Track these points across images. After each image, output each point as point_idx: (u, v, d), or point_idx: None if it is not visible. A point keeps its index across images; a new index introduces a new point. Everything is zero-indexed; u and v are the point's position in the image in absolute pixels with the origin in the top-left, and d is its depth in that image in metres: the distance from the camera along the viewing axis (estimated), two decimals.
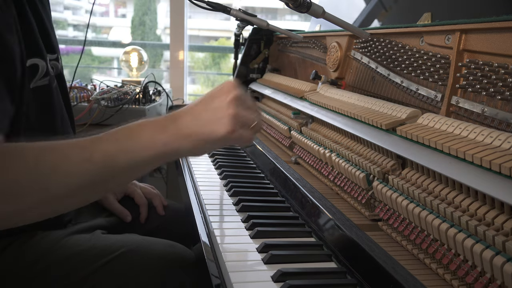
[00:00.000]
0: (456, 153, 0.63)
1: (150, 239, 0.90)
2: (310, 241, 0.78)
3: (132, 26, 6.24)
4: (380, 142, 0.82)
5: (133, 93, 1.77)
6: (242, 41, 1.86)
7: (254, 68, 1.86)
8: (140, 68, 2.41)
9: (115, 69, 4.94)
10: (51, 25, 0.95)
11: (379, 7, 1.26)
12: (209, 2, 1.34)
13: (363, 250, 0.64)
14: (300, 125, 1.26)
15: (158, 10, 6.42)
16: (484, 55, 0.73)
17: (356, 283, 0.64)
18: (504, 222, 0.56)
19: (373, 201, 0.85)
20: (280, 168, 1.03)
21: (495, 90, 0.67)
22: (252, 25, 1.60)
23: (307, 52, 1.51)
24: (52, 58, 0.87)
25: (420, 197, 0.69)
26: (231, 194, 0.98)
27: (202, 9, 1.35)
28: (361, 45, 1.12)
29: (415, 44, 0.91)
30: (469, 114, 0.74)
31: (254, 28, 1.80)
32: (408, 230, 0.71)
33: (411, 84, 0.90)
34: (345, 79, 1.21)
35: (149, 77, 2.11)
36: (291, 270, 0.65)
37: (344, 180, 0.93)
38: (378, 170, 0.82)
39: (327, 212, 0.77)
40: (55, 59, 0.88)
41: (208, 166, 1.20)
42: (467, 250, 0.57)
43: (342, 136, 1.03)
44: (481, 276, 0.56)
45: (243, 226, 0.81)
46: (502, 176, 0.55)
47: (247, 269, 0.68)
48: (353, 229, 0.70)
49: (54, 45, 0.89)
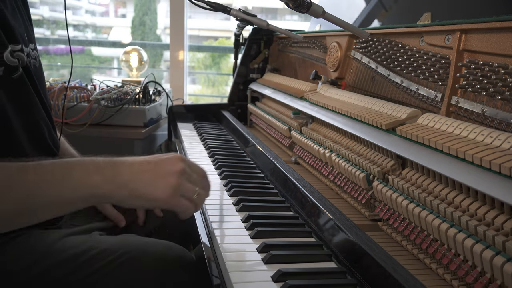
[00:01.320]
0: (456, 153, 0.63)
1: (148, 240, 0.90)
2: (310, 241, 0.78)
3: (132, 26, 6.24)
4: (380, 142, 0.82)
5: (133, 93, 1.77)
6: (242, 41, 1.86)
7: (254, 68, 1.86)
8: (140, 68, 2.41)
9: (115, 69, 4.95)
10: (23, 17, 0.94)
11: (379, 7, 1.26)
12: (209, 2, 1.34)
13: (363, 250, 0.64)
14: (300, 125, 1.26)
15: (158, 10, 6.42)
16: (484, 55, 0.73)
17: (356, 283, 0.64)
18: (504, 222, 0.56)
19: (373, 201, 0.85)
20: (280, 168, 1.03)
21: (495, 90, 0.67)
22: (252, 25, 1.60)
23: (307, 52, 1.51)
24: (15, 49, 0.85)
25: (420, 197, 0.69)
26: (231, 194, 0.98)
27: (202, 9, 1.35)
28: (361, 45, 1.12)
29: (415, 44, 0.91)
30: (469, 114, 0.74)
31: (254, 28, 1.80)
32: (408, 230, 0.71)
33: (411, 84, 0.90)
34: (345, 79, 1.21)
35: (149, 77, 2.10)
36: (291, 270, 0.65)
37: (344, 180, 0.93)
38: (378, 170, 0.82)
39: (327, 212, 0.77)
40: (19, 50, 0.86)
41: (208, 166, 1.20)
42: (467, 250, 0.57)
43: (342, 136, 1.03)
44: (481, 276, 0.56)
45: (243, 226, 0.81)
46: (502, 176, 0.55)
47: (247, 269, 0.68)
48: (353, 229, 0.70)
49: (17, 36, 0.87)
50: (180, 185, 0.68)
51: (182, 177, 0.69)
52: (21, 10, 0.95)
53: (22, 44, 0.87)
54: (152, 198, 0.68)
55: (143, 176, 0.67)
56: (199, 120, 1.81)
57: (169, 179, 0.68)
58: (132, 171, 0.67)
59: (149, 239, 0.91)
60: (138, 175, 0.67)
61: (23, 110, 0.87)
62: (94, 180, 0.65)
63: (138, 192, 0.67)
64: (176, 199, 0.69)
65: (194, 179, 0.72)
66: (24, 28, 0.92)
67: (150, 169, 0.68)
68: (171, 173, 0.68)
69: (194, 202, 0.71)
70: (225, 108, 1.86)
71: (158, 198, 0.67)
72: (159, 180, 0.68)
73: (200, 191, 0.72)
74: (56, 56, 4.08)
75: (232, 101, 1.88)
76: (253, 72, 1.86)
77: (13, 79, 0.85)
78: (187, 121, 1.78)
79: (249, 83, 1.82)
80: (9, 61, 0.83)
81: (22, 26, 0.92)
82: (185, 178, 0.70)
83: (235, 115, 1.81)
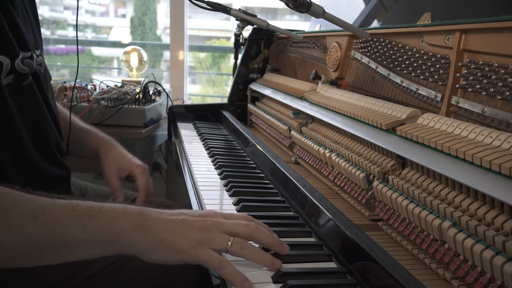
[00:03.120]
0: (456, 153, 0.63)
1: None
2: (310, 241, 0.78)
3: (132, 26, 6.23)
4: (380, 142, 0.82)
5: (133, 93, 1.77)
6: (242, 41, 1.86)
7: (254, 68, 1.86)
8: (140, 68, 2.41)
9: (115, 69, 4.94)
10: (31, 23, 0.94)
11: (379, 7, 1.26)
12: (209, 2, 1.34)
13: (363, 250, 0.64)
14: (300, 125, 1.26)
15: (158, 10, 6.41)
16: (484, 55, 0.73)
17: (356, 283, 0.64)
18: (504, 222, 0.56)
19: (373, 201, 0.85)
20: (280, 168, 1.03)
21: (495, 90, 0.67)
22: (252, 25, 1.60)
23: (307, 52, 1.51)
24: (26, 56, 0.85)
25: (420, 197, 0.69)
26: (231, 194, 0.98)
27: (202, 9, 1.35)
28: (361, 45, 1.12)
29: (415, 44, 0.91)
30: (469, 114, 0.74)
31: (254, 28, 1.80)
32: (408, 230, 0.71)
33: (411, 84, 0.90)
34: (345, 79, 1.21)
35: (149, 77, 2.10)
36: (291, 270, 0.65)
37: (344, 180, 0.93)
38: (378, 170, 0.82)
39: (327, 212, 0.77)
40: (28, 57, 0.86)
41: (208, 166, 1.20)
42: (467, 250, 0.57)
43: (342, 136, 1.03)
44: (481, 276, 0.56)
45: None
46: (502, 176, 0.55)
47: (247, 269, 0.68)
48: (353, 229, 0.70)
49: (28, 42, 0.87)
50: (207, 237, 0.63)
51: (211, 228, 0.64)
52: (29, 15, 0.95)
53: (32, 51, 0.87)
54: (178, 249, 0.63)
55: (171, 226, 0.64)
56: (199, 120, 1.81)
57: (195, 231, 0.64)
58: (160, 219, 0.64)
59: None
60: (166, 224, 0.64)
61: (31, 118, 0.87)
62: (121, 223, 0.62)
63: (165, 242, 0.62)
64: (200, 251, 0.63)
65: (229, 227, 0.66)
66: (32, 34, 0.92)
67: (179, 220, 0.65)
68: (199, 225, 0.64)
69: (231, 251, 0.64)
70: (225, 108, 1.86)
71: (183, 249, 0.62)
72: (186, 230, 0.64)
73: (236, 239, 0.65)
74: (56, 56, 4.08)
75: (232, 101, 1.88)
76: (253, 72, 1.86)
77: (23, 86, 0.85)
78: (187, 121, 1.78)
79: (249, 83, 1.82)
80: (20, 68, 0.83)
81: (31, 32, 0.92)
82: (215, 230, 0.64)
83: (235, 115, 1.81)
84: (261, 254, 0.65)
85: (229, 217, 0.68)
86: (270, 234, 0.68)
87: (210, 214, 0.67)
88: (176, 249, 0.63)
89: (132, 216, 0.63)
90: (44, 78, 0.96)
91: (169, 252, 0.63)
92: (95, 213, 0.62)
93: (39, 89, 0.90)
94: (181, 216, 0.65)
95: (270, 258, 0.65)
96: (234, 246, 0.64)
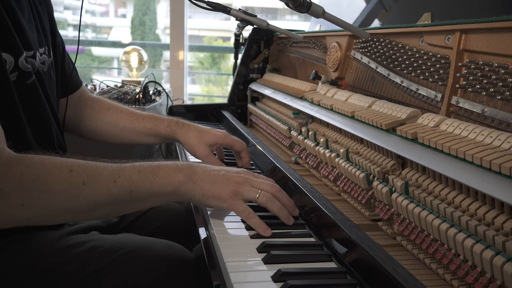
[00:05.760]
0: (456, 153, 0.63)
1: (148, 239, 0.90)
2: (310, 241, 0.78)
3: (132, 26, 6.24)
4: (380, 142, 0.82)
5: (133, 93, 1.77)
6: (242, 41, 1.86)
7: (254, 68, 1.86)
8: (140, 68, 2.42)
9: (115, 69, 4.95)
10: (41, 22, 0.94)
11: (379, 7, 1.26)
12: (209, 2, 1.33)
13: (363, 250, 0.64)
14: (300, 125, 1.26)
15: (158, 10, 6.42)
16: (484, 55, 0.73)
17: (356, 283, 0.64)
18: (504, 222, 0.56)
19: (373, 201, 0.85)
20: (280, 168, 1.03)
21: (495, 90, 0.67)
22: (252, 25, 1.60)
23: (307, 52, 1.51)
24: (28, 55, 0.86)
25: (420, 197, 0.69)
26: None
27: (202, 9, 1.35)
28: (361, 45, 1.12)
29: (415, 44, 0.91)
30: (469, 114, 0.74)
31: (254, 28, 1.80)
32: (408, 230, 0.71)
33: (411, 84, 0.90)
34: (345, 79, 1.21)
35: (149, 77, 2.11)
36: (291, 270, 0.65)
37: (344, 180, 0.93)
38: (378, 170, 0.82)
39: (327, 212, 0.77)
40: (31, 56, 0.87)
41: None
42: (467, 250, 0.57)
43: (342, 136, 1.03)
44: (481, 276, 0.56)
45: (243, 226, 0.81)
46: (502, 176, 0.55)
47: (247, 269, 0.68)
48: (353, 229, 0.70)
49: (31, 42, 0.87)
50: (241, 189, 0.80)
51: (244, 183, 0.80)
52: (39, 15, 0.94)
53: (34, 50, 0.87)
54: (219, 197, 0.79)
55: (214, 179, 0.80)
56: (199, 120, 1.81)
57: (232, 184, 0.80)
58: (205, 173, 0.80)
59: (150, 238, 0.91)
60: (210, 178, 0.80)
61: (34, 116, 0.88)
62: (178, 177, 0.78)
63: (210, 192, 0.79)
64: (235, 201, 0.79)
65: (257, 184, 0.82)
66: (37, 33, 0.92)
67: (220, 174, 0.81)
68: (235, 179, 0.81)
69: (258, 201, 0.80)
70: (225, 108, 1.86)
71: (223, 197, 0.79)
72: (225, 183, 0.80)
73: (263, 192, 0.80)
74: None
75: (232, 101, 1.88)
76: (253, 72, 1.86)
77: (27, 84, 0.85)
78: (187, 121, 1.78)
79: (249, 83, 1.82)
80: (24, 67, 0.84)
81: (35, 32, 0.91)
82: (247, 184, 0.81)
83: (235, 115, 1.80)
84: (281, 208, 0.81)
85: (258, 177, 0.85)
86: (288, 198, 0.85)
87: (243, 172, 0.84)
88: (218, 198, 0.79)
89: (185, 171, 0.79)
90: (48, 77, 0.95)
91: (213, 199, 0.79)
92: (156, 171, 0.77)
93: (42, 88, 0.90)
94: (222, 171, 0.82)
95: (287, 213, 0.82)
96: (261, 197, 0.80)
